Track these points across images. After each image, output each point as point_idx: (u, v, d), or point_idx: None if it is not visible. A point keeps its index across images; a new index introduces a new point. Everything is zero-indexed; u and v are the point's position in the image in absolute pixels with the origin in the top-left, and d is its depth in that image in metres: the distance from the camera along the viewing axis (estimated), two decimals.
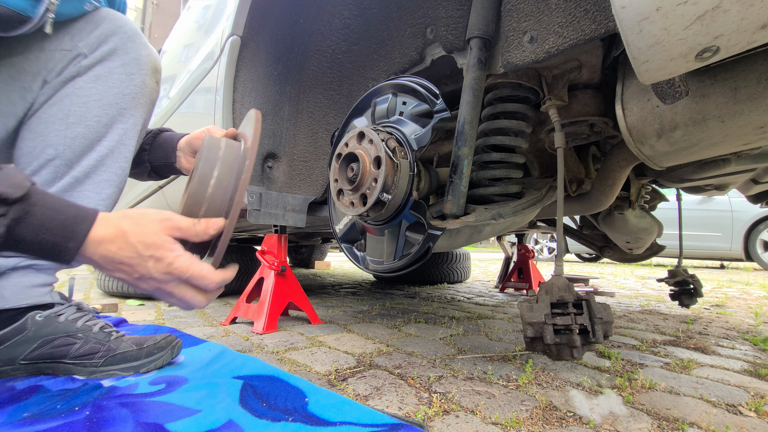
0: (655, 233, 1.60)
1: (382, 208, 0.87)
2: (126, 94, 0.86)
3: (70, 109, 0.82)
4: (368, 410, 0.68)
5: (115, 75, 0.85)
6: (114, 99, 0.85)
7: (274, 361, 1.02)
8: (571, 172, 1.16)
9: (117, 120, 0.86)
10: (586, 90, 0.90)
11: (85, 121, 0.82)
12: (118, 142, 0.86)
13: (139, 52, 0.88)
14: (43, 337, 0.85)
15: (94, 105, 0.83)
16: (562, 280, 0.77)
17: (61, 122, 0.81)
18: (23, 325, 0.84)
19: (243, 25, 1.18)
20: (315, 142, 1.38)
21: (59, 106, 0.82)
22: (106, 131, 0.85)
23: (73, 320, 0.89)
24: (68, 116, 0.81)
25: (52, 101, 0.82)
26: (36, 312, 0.86)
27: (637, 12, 0.45)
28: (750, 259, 5.81)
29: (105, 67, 0.85)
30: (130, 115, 0.88)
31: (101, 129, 0.84)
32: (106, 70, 0.85)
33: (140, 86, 0.88)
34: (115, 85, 0.85)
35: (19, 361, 0.85)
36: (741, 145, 0.76)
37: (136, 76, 0.87)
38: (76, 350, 0.86)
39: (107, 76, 0.84)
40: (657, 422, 0.70)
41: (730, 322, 1.74)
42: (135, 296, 2.15)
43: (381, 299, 2.23)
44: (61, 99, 0.82)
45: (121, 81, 0.86)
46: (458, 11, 0.88)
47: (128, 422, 0.64)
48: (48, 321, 0.86)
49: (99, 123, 0.84)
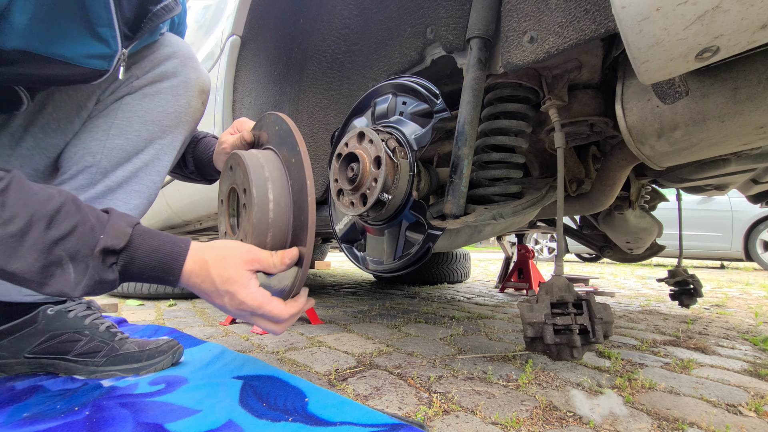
0: (655, 233, 1.60)
1: (382, 208, 0.87)
2: (170, 113, 0.90)
3: (114, 122, 0.86)
4: (368, 410, 0.68)
5: (162, 95, 0.89)
6: (157, 117, 0.88)
7: (274, 361, 1.02)
8: (571, 172, 1.16)
9: (157, 136, 0.89)
10: (586, 90, 0.90)
11: (125, 134, 0.86)
12: (155, 156, 0.89)
13: (188, 75, 0.92)
14: (51, 332, 0.87)
15: (137, 120, 0.87)
16: (562, 280, 0.77)
17: (103, 133, 0.85)
18: (34, 318, 0.87)
19: (243, 25, 1.18)
20: (315, 142, 1.38)
21: (104, 119, 0.86)
22: (145, 146, 0.88)
23: (81, 317, 0.91)
24: (110, 128, 0.85)
25: (101, 114, 0.86)
26: (48, 306, 0.89)
27: (637, 12, 0.45)
28: (750, 259, 5.81)
29: (154, 88, 0.89)
30: (170, 132, 0.91)
31: (140, 143, 0.87)
32: (155, 90, 0.89)
33: (185, 106, 0.92)
34: (160, 104, 0.89)
35: (25, 354, 0.86)
36: (741, 145, 0.76)
37: (182, 97, 0.91)
38: (81, 347, 0.88)
39: (154, 96, 0.89)
40: (657, 422, 0.70)
41: (730, 322, 1.74)
42: (135, 296, 2.15)
43: (381, 299, 2.23)
44: (108, 113, 0.87)
45: (167, 101, 0.89)
46: (458, 11, 0.88)
47: (128, 422, 0.64)
48: (58, 315, 0.89)
49: (139, 137, 0.87)
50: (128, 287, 2.11)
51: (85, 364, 0.87)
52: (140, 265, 0.59)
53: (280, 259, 0.65)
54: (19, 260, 0.52)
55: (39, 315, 0.87)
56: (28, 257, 0.52)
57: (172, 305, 1.96)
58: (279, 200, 0.66)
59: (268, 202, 0.65)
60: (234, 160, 0.72)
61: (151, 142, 0.88)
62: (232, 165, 0.73)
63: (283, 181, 0.68)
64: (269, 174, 0.67)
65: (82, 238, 0.55)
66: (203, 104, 0.97)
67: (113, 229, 0.58)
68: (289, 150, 0.70)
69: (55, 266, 0.54)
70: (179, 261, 0.61)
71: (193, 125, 0.97)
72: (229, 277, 0.60)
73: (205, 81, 0.97)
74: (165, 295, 2.15)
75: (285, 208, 0.67)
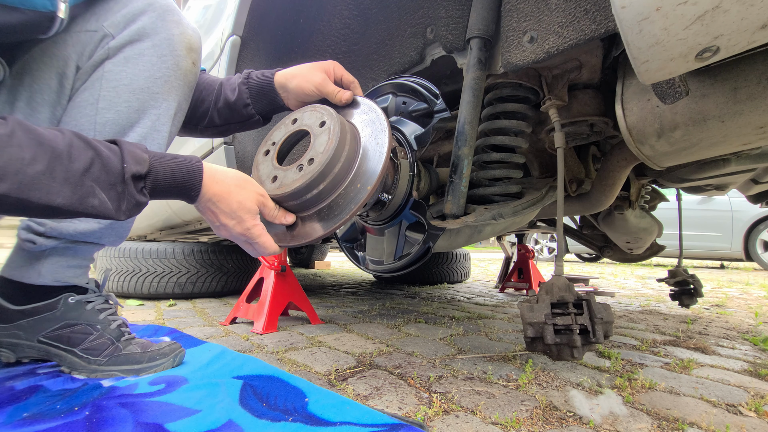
0: (655, 233, 1.60)
1: (382, 208, 0.87)
2: (158, 78, 0.82)
3: (100, 94, 0.79)
4: (368, 410, 0.68)
5: (146, 57, 0.81)
6: (145, 83, 0.81)
7: (274, 361, 1.02)
8: (571, 172, 1.16)
9: (149, 105, 0.82)
10: (586, 90, 0.90)
11: (114, 106, 0.80)
12: (151, 128, 0.83)
13: (171, 31, 0.83)
14: (67, 320, 0.88)
15: (124, 89, 0.80)
16: (562, 280, 0.77)
17: (91, 107, 0.79)
18: (56, 303, 0.88)
19: (243, 25, 1.18)
20: None
21: (90, 91, 0.80)
22: (138, 117, 0.82)
23: (98, 311, 0.92)
24: (98, 101, 0.79)
25: (85, 86, 0.80)
26: (70, 294, 0.89)
27: (637, 12, 0.45)
28: (750, 259, 5.81)
29: (135, 49, 0.80)
30: (163, 100, 0.83)
31: (132, 115, 0.81)
32: (137, 52, 0.80)
33: (173, 68, 0.84)
34: (145, 69, 0.81)
35: (38, 338, 0.87)
36: (741, 145, 0.76)
37: (168, 58, 0.83)
38: (89, 342, 0.88)
39: (137, 59, 0.80)
40: (657, 422, 0.70)
41: (730, 322, 1.74)
42: (135, 296, 2.15)
43: (381, 299, 2.23)
44: (92, 83, 0.80)
45: (152, 64, 0.81)
46: (458, 11, 0.88)
47: (128, 422, 0.64)
48: (77, 305, 0.89)
49: (129, 108, 0.81)
50: (128, 287, 2.11)
51: (88, 361, 0.87)
52: (165, 185, 0.65)
53: (280, 215, 0.74)
54: (59, 195, 0.55)
55: (60, 301, 0.88)
56: (65, 191, 0.55)
57: (172, 305, 1.96)
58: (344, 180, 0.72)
59: (334, 167, 0.71)
60: (330, 118, 0.74)
61: (144, 112, 0.82)
62: (325, 121, 0.74)
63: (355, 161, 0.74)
64: (347, 154, 0.72)
65: (105, 167, 0.59)
66: (194, 64, 0.88)
67: (132, 157, 0.62)
68: (374, 132, 0.76)
69: (91, 196, 0.58)
70: (198, 178, 0.67)
71: (187, 89, 0.88)
72: (245, 206, 0.69)
73: (192, 36, 0.87)
74: (165, 295, 2.16)
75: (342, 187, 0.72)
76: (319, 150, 0.71)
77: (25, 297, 0.87)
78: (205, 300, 2.18)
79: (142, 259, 2.14)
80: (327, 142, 0.70)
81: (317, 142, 0.72)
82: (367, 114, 0.79)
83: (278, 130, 0.80)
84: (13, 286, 0.87)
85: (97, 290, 0.95)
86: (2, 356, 0.87)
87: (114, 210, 0.61)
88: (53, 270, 0.88)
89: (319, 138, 0.72)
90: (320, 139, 0.72)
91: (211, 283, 2.26)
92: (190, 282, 2.19)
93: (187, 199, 0.68)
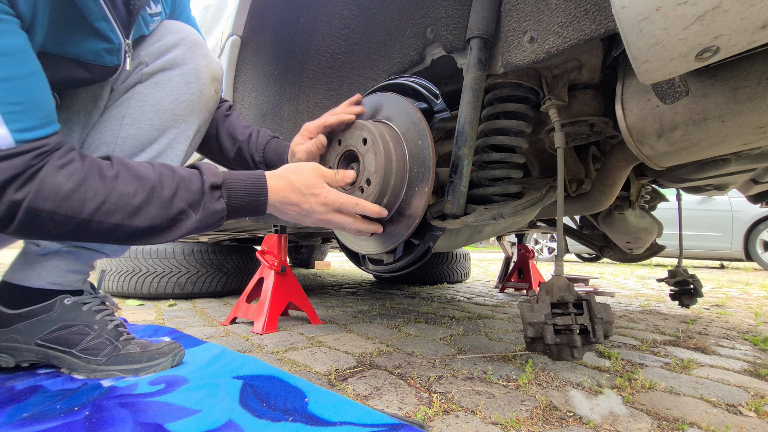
0: (655, 233, 1.59)
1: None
2: (182, 102, 0.90)
3: (127, 111, 0.87)
4: (368, 410, 0.68)
5: (174, 83, 0.89)
6: (170, 105, 0.89)
7: (274, 361, 1.02)
8: (571, 172, 1.16)
9: (170, 125, 0.90)
10: (586, 90, 0.90)
11: (138, 123, 0.87)
12: (167, 146, 0.90)
13: (198, 62, 0.92)
14: (64, 321, 0.89)
15: (149, 109, 0.88)
16: (562, 280, 0.77)
17: (116, 122, 0.87)
18: (52, 305, 0.88)
19: (243, 25, 1.18)
20: None
21: (119, 108, 0.88)
22: (158, 135, 0.89)
23: (94, 312, 0.92)
24: (123, 117, 0.87)
25: (116, 104, 0.89)
26: (65, 296, 0.90)
27: (637, 12, 0.45)
28: (750, 259, 5.81)
29: (165, 76, 0.89)
30: (183, 121, 0.91)
31: (153, 132, 0.88)
32: (166, 79, 0.89)
33: (197, 95, 0.92)
34: (172, 93, 0.89)
35: (36, 341, 0.88)
36: (741, 145, 0.76)
37: (194, 85, 0.91)
38: (87, 342, 0.89)
39: (165, 84, 0.89)
40: (657, 422, 0.70)
41: (730, 322, 1.74)
42: (135, 296, 2.15)
43: (381, 299, 2.23)
44: (122, 102, 0.88)
45: (179, 89, 0.90)
46: (458, 11, 0.88)
47: (128, 422, 0.64)
48: (74, 306, 0.90)
49: (152, 126, 0.88)
50: (128, 287, 2.11)
51: (87, 361, 0.87)
52: (237, 192, 0.72)
53: (341, 177, 0.79)
54: (158, 218, 0.66)
55: (56, 303, 0.89)
56: (162, 214, 0.67)
57: (172, 305, 1.96)
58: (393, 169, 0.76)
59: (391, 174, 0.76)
60: (368, 132, 0.78)
61: (164, 131, 0.89)
62: (366, 138, 0.78)
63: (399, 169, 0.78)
64: (396, 161, 0.77)
65: (188, 188, 0.69)
66: (216, 92, 0.98)
67: (209, 171, 0.71)
68: (415, 134, 0.79)
69: (181, 213, 0.68)
70: (263, 182, 0.73)
71: (208, 114, 0.97)
72: (311, 184, 0.74)
73: (216, 68, 0.96)
74: (165, 295, 2.16)
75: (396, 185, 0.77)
76: (371, 169, 0.75)
77: (22, 300, 0.87)
78: (205, 300, 2.18)
79: (142, 259, 2.14)
80: (375, 161, 0.75)
81: (366, 161, 0.77)
82: (390, 105, 0.84)
83: (329, 154, 0.86)
84: (11, 290, 0.88)
85: (93, 292, 0.96)
86: (1, 361, 0.87)
87: (195, 221, 0.69)
88: (53, 273, 0.89)
89: (367, 157, 0.77)
90: (368, 158, 0.77)
91: (211, 283, 2.26)
92: (190, 282, 2.19)
93: (260, 205, 0.74)
